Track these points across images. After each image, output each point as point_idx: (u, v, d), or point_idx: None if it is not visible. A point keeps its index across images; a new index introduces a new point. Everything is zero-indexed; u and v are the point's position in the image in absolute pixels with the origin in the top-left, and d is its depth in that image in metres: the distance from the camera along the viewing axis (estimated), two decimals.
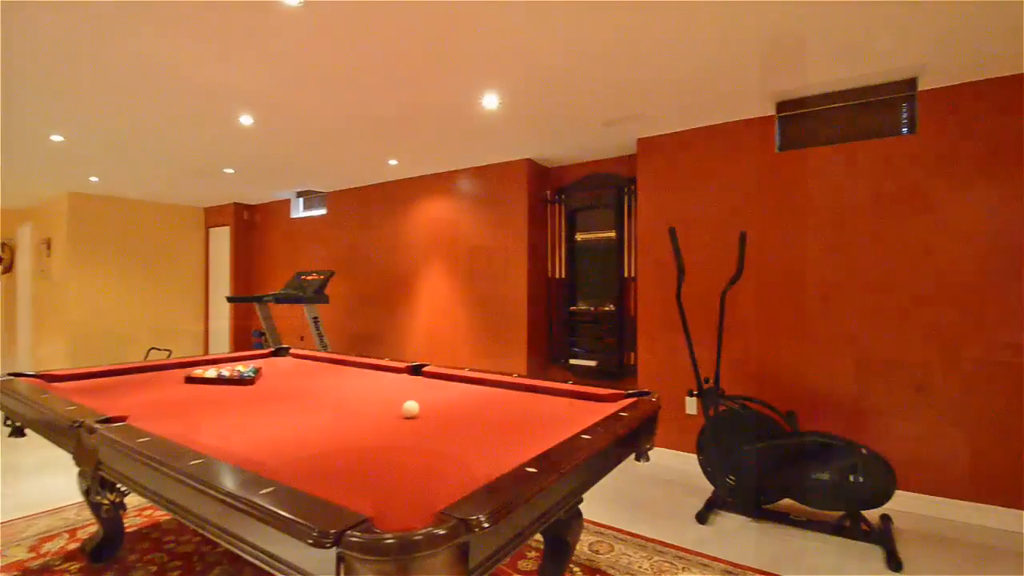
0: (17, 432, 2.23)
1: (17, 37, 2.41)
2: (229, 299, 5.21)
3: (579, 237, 4.57)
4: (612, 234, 4.34)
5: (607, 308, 4.34)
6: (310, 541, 0.90)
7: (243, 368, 2.55)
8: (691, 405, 3.59)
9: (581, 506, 1.72)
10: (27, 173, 5.31)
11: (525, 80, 2.87)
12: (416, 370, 2.72)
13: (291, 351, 3.42)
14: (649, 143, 3.84)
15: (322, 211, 6.35)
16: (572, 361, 4.47)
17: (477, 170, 4.84)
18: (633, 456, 1.71)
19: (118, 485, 1.94)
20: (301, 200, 6.69)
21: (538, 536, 2.13)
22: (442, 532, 0.86)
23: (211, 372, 2.45)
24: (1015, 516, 2.66)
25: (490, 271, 4.71)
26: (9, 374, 2.37)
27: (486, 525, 0.90)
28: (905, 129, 2.99)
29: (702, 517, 2.74)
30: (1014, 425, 2.67)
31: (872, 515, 2.71)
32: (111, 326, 6.65)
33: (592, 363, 4.35)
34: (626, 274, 4.28)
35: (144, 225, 6.97)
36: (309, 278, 5.17)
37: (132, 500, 2.86)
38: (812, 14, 2.19)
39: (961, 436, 2.79)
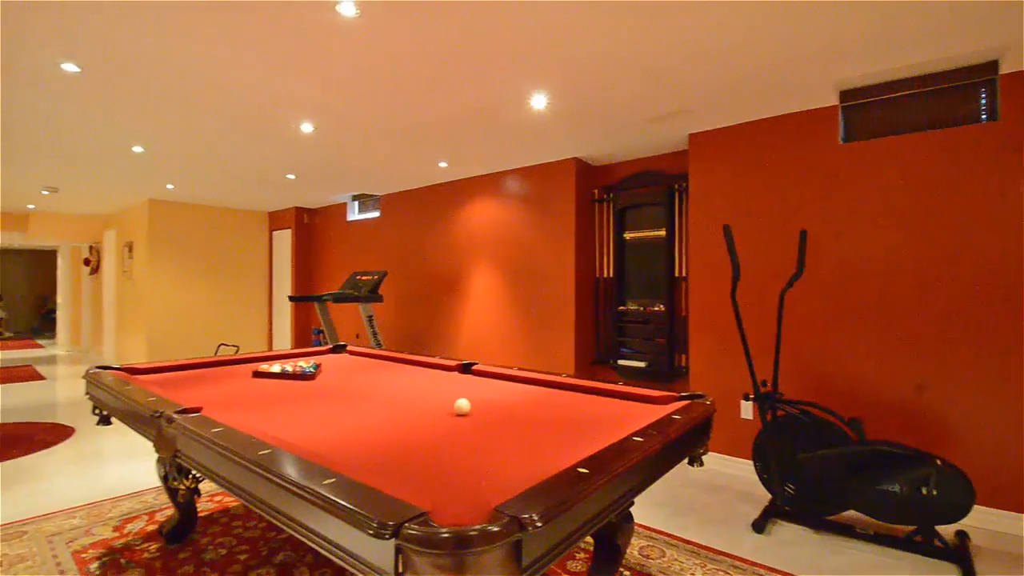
0: (104, 420, 2.44)
1: (103, 59, 2.63)
2: (291, 298, 5.48)
3: (628, 236, 4.51)
4: (662, 232, 4.25)
5: (657, 308, 4.26)
6: (370, 532, 0.93)
7: (304, 364, 2.68)
8: (746, 409, 3.47)
9: (632, 509, 1.70)
10: (112, 182, 5.79)
11: (573, 79, 2.86)
12: (466, 368, 2.77)
13: (348, 348, 3.56)
14: (701, 138, 3.73)
15: (376, 213, 6.56)
16: (620, 362, 4.41)
17: (525, 170, 4.86)
18: (686, 461, 1.67)
19: (193, 472, 2.09)
20: (356, 203, 6.94)
21: (587, 538, 2.12)
22: (496, 529, 0.87)
23: (276, 367, 2.59)
24: None
25: (537, 271, 4.72)
26: (97, 367, 2.59)
27: (539, 524, 0.91)
28: (984, 116, 2.76)
29: (759, 526, 2.65)
30: None
31: (947, 531, 2.53)
32: (184, 323, 7.14)
33: (641, 364, 4.28)
34: (676, 273, 4.18)
35: (214, 229, 7.44)
36: (364, 278, 5.36)
37: (205, 486, 3.08)
38: None
39: None
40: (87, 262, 9.54)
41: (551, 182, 4.65)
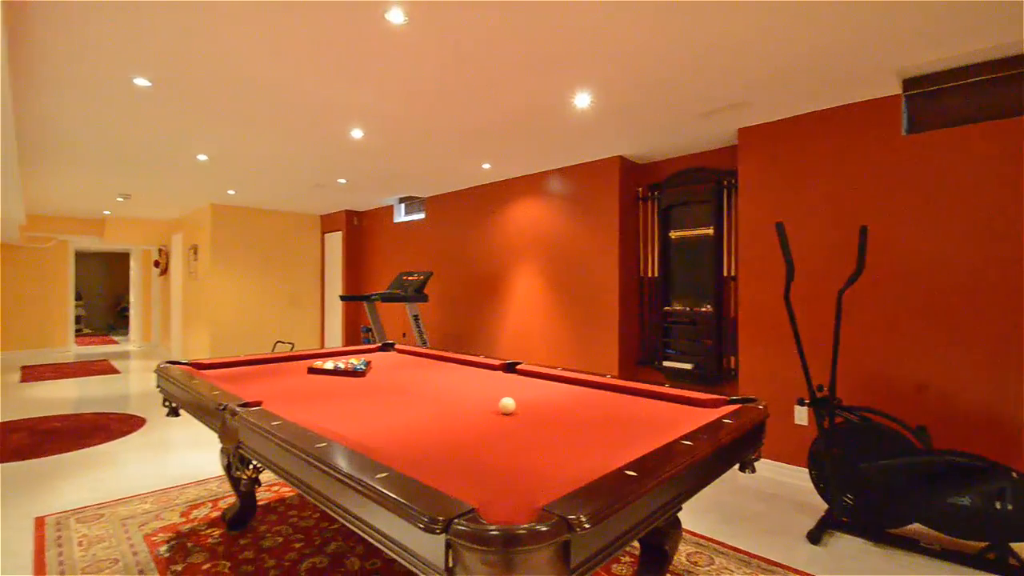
0: (173, 412, 2.60)
1: (172, 73, 2.81)
2: (342, 297, 5.69)
3: (673, 235, 4.41)
4: (710, 231, 4.14)
5: (704, 309, 4.15)
6: (421, 526, 0.96)
7: (355, 361, 2.78)
8: (801, 415, 3.33)
9: (680, 514, 1.67)
10: (179, 189, 6.18)
11: (618, 76, 2.83)
12: (510, 368, 2.79)
13: (395, 346, 3.66)
14: (752, 133, 3.61)
15: (421, 215, 6.71)
16: (666, 363, 4.33)
17: (567, 169, 4.84)
18: (737, 466, 1.63)
19: (253, 462, 2.20)
20: (403, 205, 7.12)
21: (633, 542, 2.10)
22: (544, 529, 0.88)
23: (329, 364, 2.70)
24: None
25: (580, 270, 4.69)
26: (167, 362, 2.77)
27: (587, 525, 0.91)
28: None
29: (814, 536, 2.54)
30: None
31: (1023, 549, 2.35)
32: (244, 320, 7.53)
33: (687, 366, 4.18)
34: (725, 273, 4.06)
35: (271, 231, 7.82)
36: (410, 278, 5.49)
37: (265, 476, 3.24)
38: None
39: None
40: (156, 264, 10.23)
41: (594, 181, 4.61)
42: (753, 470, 1.68)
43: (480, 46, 2.49)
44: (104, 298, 14.08)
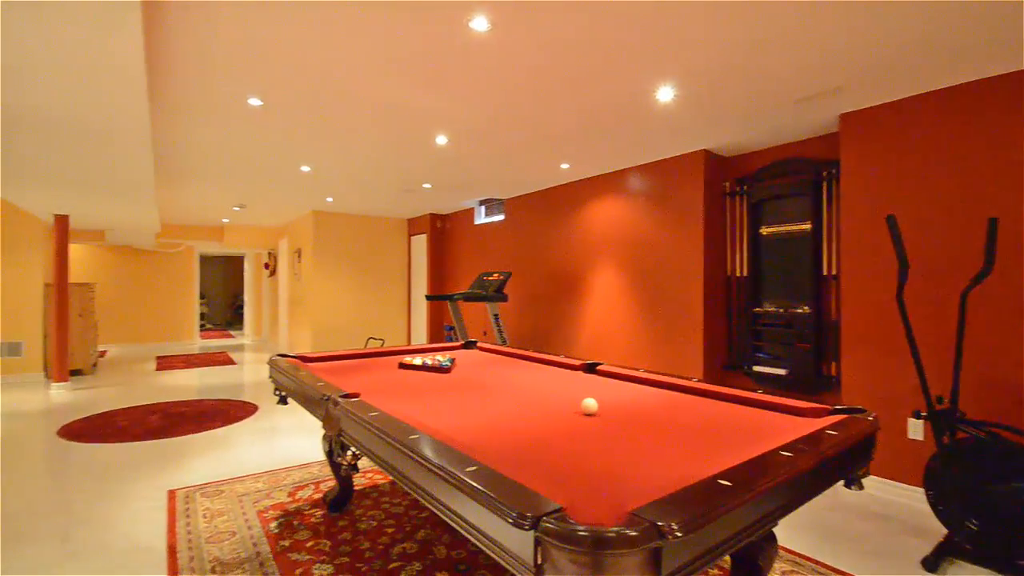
0: (282, 400, 2.86)
1: (281, 92, 3.09)
2: (427, 297, 5.96)
3: (764, 231, 4.15)
4: (807, 226, 3.85)
5: (800, 310, 3.87)
6: (509, 520, 0.98)
7: (441, 358, 2.90)
8: (915, 428, 3.01)
9: (775, 529, 1.58)
10: (285, 197, 6.77)
11: (705, 66, 2.72)
12: (590, 368, 2.78)
13: (478, 344, 3.77)
14: (855, 118, 3.31)
15: (500, 217, 6.84)
16: (756, 368, 4.08)
17: (648, 166, 4.71)
18: (842, 482, 1.51)
19: (352, 449, 2.38)
20: (483, 207, 7.30)
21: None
22: (635, 533, 0.87)
23: (417, 360, 2.84)
24: None
25: (662, 270, 4.55)
26: (277, 355, 3.05)
27: (679, 534, 0.89)
28: None
29: (931, 564, 2.29)
30: None
31: None
32: (340, 317, 8.11)
33: (781, 372, 3.92)
34: (825, 271, 3.76)
35: (363, 235, 8.36)
36: (490, 278, 5.62)
37: (361, 463, 3.47)
38: None
39: None
40: (266, 266, 11.28)
41: (677, 177, 4.45)
42: (860, 487, 1.55)
43: (561, 46, 2.51)
44: (223, 297, 15.73)
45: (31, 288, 6.72)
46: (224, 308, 15.70)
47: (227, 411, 5.07)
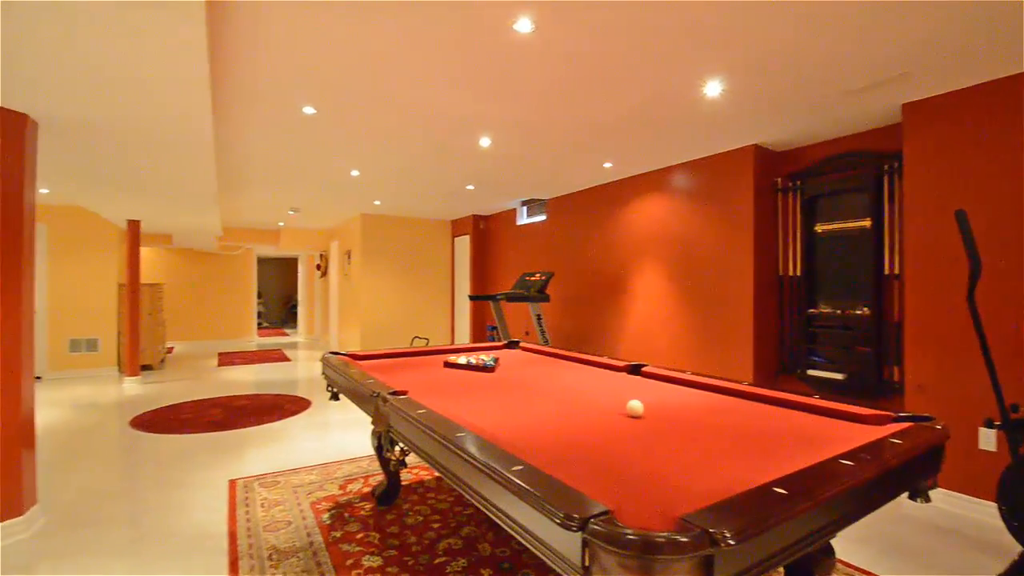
0: (334, 397, 2.98)
1: (334, 100, 3.21)
2: (471, 297, 6.04)
3: (819, 228, 3.97)
4: (866, 222, 3.65)
5: (859, 311, 3.67)
6: (557, 521, 0.98)
7: (485, 357, 2.94)
8: (987, 438, 2.81)
9: (833, 541, 1.52)
10: (335, 201, 7.02)
11: (755, 57, 2.63)
12: (635, 369, 2.74)
13: (520, 344, 3.78)
14: (921, 107, 3.11)
15: (542, 217, 6.84)
16: (811, 372, 3.91)
17: (694, 163, 4.60)
18: (907, 494, 1.43)
19: (400, 445, 2.44)
20: (525, 208, 7.32)
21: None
22: (685, 539, 0.86)
23: (462, 359, 2.89)
24: None
25: (709, 269, 4.43)
26: (329, 352, 3.17)
27: (732, 542, 0.87)
28: None
29: None
30: None
31: None
32: (387, 316, 8.34)
33: (838, 376, 3.74)
34: (886, 270, 3.56)
35: (408, 236, 8.57)
36: (533, 279, 5.63)
37: (409, 458, 3.56)
38: None
39: None
40: (318, 267, 11.74)
41: (725, 173, 4.32)
42: (927, 499, 1.47)
43: (605, 44, 2.49)
44: (278, 297, 16.47)
45: (107, 288, 7.25)
46: (279, 307, 16.43)
47: (283, 406, 5.31)
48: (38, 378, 6.75)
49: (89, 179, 4.40)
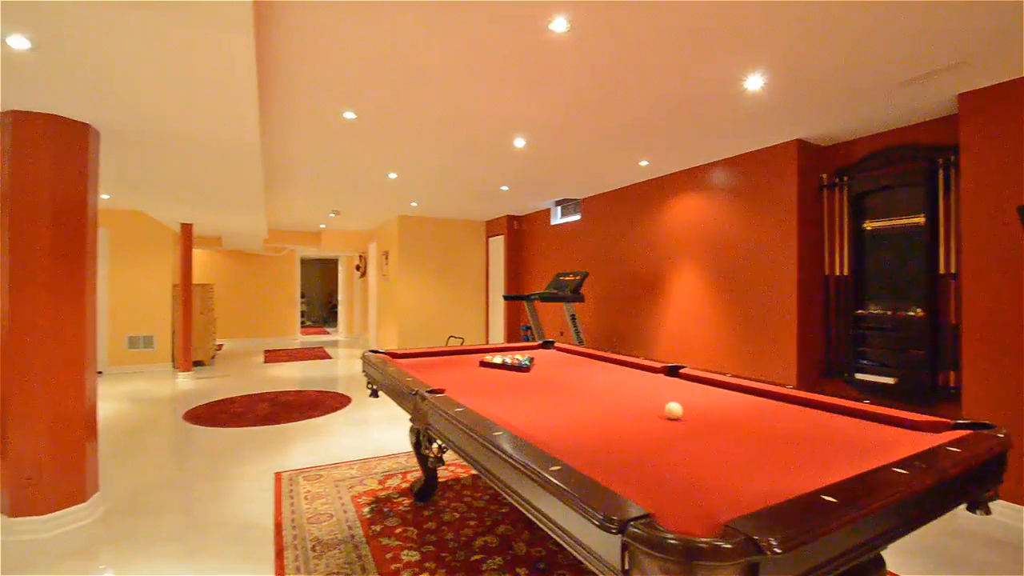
0: (374, 394, 3.05)
1: (373, 105, 3.28)
2: (505, 297, 6.06)
3: (868, 226, 3.80)
4: (919, 219, 3.47)
5: (912, 313, 3.50)
6: (595, 523, 0.98)
7: (521, 357, 2.95)
8: None
9: (883, 553, 1.46)
10: (374, 203, 7.19)
11: (800, 48, 2.53)
12: (672, 371, 2.70)
13: (555, 344, 3.78)
14: (979, 97, 2.94)
15: (576, 217, 6.80)
16: (859, 376, 3.75)
17: (735, 159, 4.48)
18: (965, 506, 1.36)
19: (438, 442, 2.49)
20: (559, 208, 7.30)
21: None
22: (728, 546, 0.85)
23: (497, 359, 2.91)
24: None
25: (751, 269, 4.31)
26: (369, 351, 3.25)
27: (778, 551, 0.85)
28: None
29: None
30: None
31: None
32: (423, 316, 8.48)
33: (889, 380, 3.57)
34: (941, 269, 3.37)
35: (444, 237, 8.69)
36: (567, 279, 5.61)
37: (448, 455, 3.61)
38: None
39: None
40: (358, 268, 12.06)
41: (766, 170, 4.19)
42: (987, 511, 1.39)
43: (642, 41, 2.45)
44: (320, 296, 16.99)
45: (162, 288, 7.64)
46: (320, 307, 16.94)
47: (325, 402, 5.47)
48: (100, 373, 7.19)
49: (146, 185, 4.65)
